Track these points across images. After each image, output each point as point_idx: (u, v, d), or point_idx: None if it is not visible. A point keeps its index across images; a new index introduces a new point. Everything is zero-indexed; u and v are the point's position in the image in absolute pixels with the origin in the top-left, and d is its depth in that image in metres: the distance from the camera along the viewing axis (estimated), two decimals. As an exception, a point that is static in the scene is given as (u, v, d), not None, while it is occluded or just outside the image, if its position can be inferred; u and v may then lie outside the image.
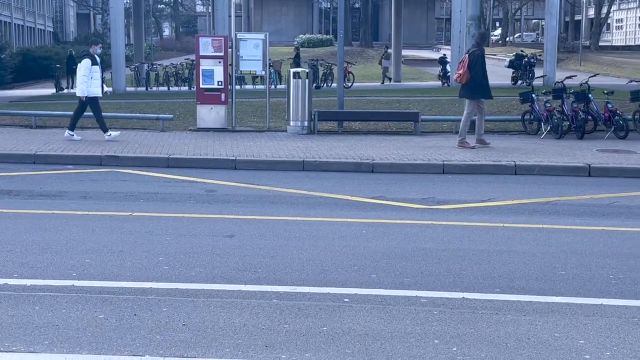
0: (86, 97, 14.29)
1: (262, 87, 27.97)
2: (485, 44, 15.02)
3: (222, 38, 16.31)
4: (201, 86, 15.94)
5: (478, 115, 14.22)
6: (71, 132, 14.51)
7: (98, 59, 14.58)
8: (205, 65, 15.89)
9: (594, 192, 10.47)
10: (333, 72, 30.81)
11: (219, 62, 15.86)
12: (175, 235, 7.74)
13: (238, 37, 16.52)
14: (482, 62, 13.92)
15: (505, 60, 41.29)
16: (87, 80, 14.24)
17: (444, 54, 38.38)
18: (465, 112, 14.20)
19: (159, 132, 15.86)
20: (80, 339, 4.93)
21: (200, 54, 15.94)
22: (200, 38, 16.38)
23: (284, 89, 16.92)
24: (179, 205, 9.30)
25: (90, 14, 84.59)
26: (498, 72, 39.74)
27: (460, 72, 13.94)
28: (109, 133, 14.47)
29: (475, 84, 13.83)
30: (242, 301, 5.70)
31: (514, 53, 39.44)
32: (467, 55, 14.08)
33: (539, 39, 76.35)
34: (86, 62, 14.27)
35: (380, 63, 36.93)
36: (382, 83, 35.17)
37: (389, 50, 37.49)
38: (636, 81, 17.19)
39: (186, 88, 31.26)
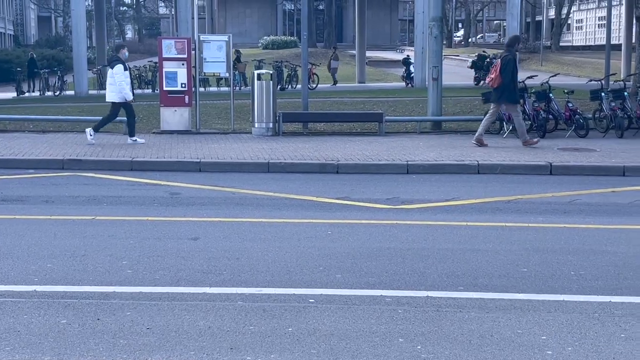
0: (132, 99, 14.65)
1: (226, 89, 27.88)
2: (516, 48, 14.60)
3: (185, 40, 16.23)
4: (164, 88, 15.87)
5: (489, 116, 14.42)
6: (133, 138, 14.57)
7: (126, 63, 14.76)
8: (168, 67, 15.81)
9: (556, 190, 10.61)
10: (297, 74, 30.80)
11: (182, 64, 15.79)
12: (138, 238, 7.68)
13: (201, 39, 16.47)
14: (512, 66, 14.00)
15: (467, 60, 41.59)
16: (126, 84, 14.41)
17: (408, 55, 38.55)
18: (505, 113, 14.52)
19: (122, 135, 15.72)
20: (43, 345, 4.87)
21: (163, 56, 15.86)
22: (163, 40, 16.29)
23: (249, 91, 16.87)
24: (143, 209, 9.24)
25: (52, 17, 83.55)
26: (461, 72, 40.12)
27: (492, 76, 14.09)
28: (92, 135, 14.34)
29: (505, 87, 13.98)
30: (207, 304, 5.68)
31: (477, 54, 39.82)
32: (499, 59, 14.22)
33: (501, 39, 77.14)
34: (119, 67, 14.36)
35: (328, 64, 36.63)
36: (334, 84, 34.87)
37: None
38: (596, 80, 17.38)
39: (149, 90, 31.05)
